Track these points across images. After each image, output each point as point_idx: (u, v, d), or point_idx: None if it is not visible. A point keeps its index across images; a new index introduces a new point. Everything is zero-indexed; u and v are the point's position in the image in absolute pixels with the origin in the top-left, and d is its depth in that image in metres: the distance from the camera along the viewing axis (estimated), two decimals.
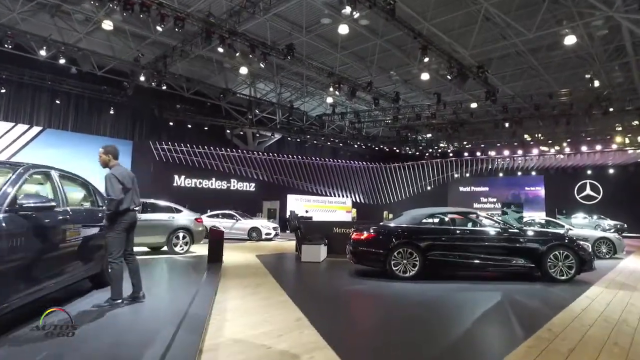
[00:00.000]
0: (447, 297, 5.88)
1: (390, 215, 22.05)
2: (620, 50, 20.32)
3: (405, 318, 4.71)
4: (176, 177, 25.49)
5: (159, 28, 14.06)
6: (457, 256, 7.00)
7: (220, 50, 15.70)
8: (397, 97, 22.82)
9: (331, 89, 19.60)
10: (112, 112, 23.97)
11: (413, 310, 5.10)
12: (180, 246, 10.73)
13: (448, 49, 17.94)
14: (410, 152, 35.88)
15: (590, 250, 7.26)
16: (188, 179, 25.85)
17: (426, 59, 15.88)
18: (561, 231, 11.71)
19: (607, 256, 11.46)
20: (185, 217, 11.14)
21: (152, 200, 11.19)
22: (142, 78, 19.52)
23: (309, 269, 8.76)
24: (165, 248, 10.61)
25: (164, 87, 20.53)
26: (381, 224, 7.76)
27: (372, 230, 7.41)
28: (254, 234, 17.46)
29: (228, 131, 27.75)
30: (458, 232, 7.20)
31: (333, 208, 32.82)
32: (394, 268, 7.06)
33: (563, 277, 6.97)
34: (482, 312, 4.93)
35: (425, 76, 21.10)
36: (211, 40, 15.03)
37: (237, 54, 16.13)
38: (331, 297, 5.95)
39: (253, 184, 27.93)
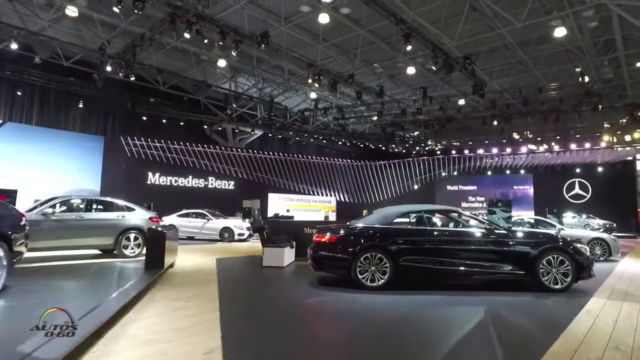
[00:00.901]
0: (420, 314, 4.80)
1: None
2: (610, 45, 19.74)
3: (364, 349, 3.62)
4: (150, 174, 24.16)
5: (115, 9, 12.84)
6: (434, 262, 5.92)
7: (187, 35, 14.48)
8: (381, 91, 21.82)
9: (310, 81, 18.50)
10: (81, 105, 22.52)
11: (375, 336, 4.00)
12: (132, 248, 9.52)
13: (433, 39, 16.99)
14: (397, 150, 34.98)
15: (588, 253, 6.25)
16: (163, 177, 24.54)
17: (409, 47, 14.89)
18: (552, 231, 10.78)
19: (601, 258, 10.53)
20: (138, 216, 9.93)
21: (98, 197, 9.98)
22: (108, 68, 18.20)
23: (268, 276, 7.64)
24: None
25: (132, 78, 19.16)
26: (347, 224, 6.68)
27: (335, 232, 6.31)
28: (226, 235, 16.29)
29: (206, 127, 26.47)
30: (435, 233, 6.13)
31: (318, 207, 31.74)
32: (360, 276, 5.97)
33: (558, 286, 5.93)
34: (462, 337, 3.87)
35: (411, 70, 20.27)
36: (176, 25, 13.80)
37: (206, 41, 14.93)
38: (276, 315, 4.80)
39: (232, 182, 26.71)
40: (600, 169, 29.27)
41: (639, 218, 28.12)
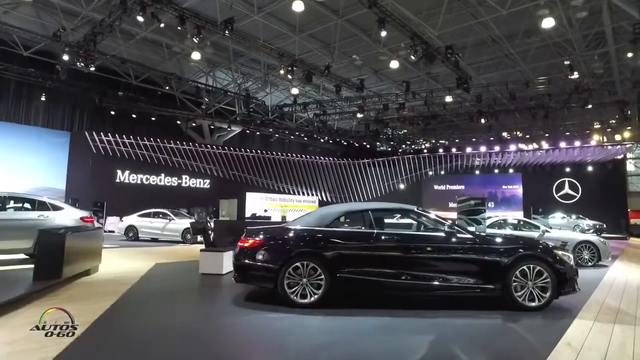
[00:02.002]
0: (355, 346, 3.61)
1: None
2: (600, 38, 18.85)
3: None
4: (119, 172, 22.81)
5: None
6: (380, 274, 4.75)
7: (140, 19, 13.23)
8: (361, 85, 20.67)
9: (282, 72, 17.30)
10: (43, 98, 21.12)
11: None
12: None
13: (415, 29, 15.89)
14: (382, 148, 33.88)
15: (572, 262, 5.11)
16: (133, 175, 23.21)
17: (383, 33, 13.76)
18: (535, 234, 9.71)
19: (589, 264, 9.45)
20: (65, 215, 8.66)
21: (17, 194, 8.71)
22: (65, 57, 16.84)
23: (193, 287, 6.43)
24: None
25: (92, 69, 17.73)
26: (281, 225, 5.50)
27: (261, 235, 5.14)
28: (189, 236, 15.03)
29: (179, 122, 25.14)
30: (383, 238, 4.95)
31: (300, 207, 30.55)
32: (288, 290, 4.79)
33: (534, 304, 4.78)
34: None
35: (394, 64, 19.25)
36: (127, 7, 12.53)
37: (162, 25, 13.69)
38: (145, 352, 3.53)
39: (208, 181, 25.42)
40: (590, 168, 28.38)
41: (629, 219, 27.32)
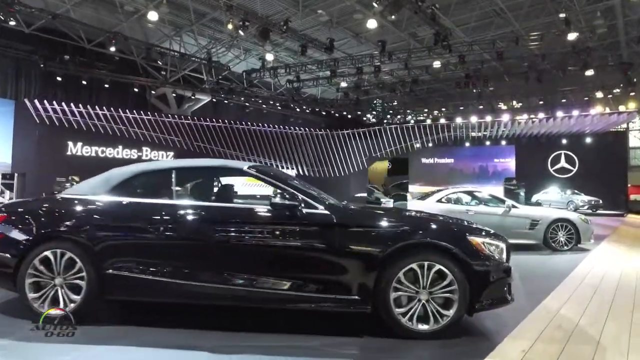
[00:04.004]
0: None
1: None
2: None
3: None
4: (71, 144, 20.91)
5: None
6: (171, 272, 2.88)
7: None
8: (331, 45, 18.39)
9: (230, 27, 15.05)
10: None
11: None
12: None
13: None
14: (365, 119, 31.71)
15: (504, 257, 3.12)
16: (87, 147, 21.30)
17: None
18: (500, 210, 7.80)
19: (565, 248, 7.55)
20: None
21: None
22: None
23: None
24: None
25: (13, 23, 15.61)
26: (61, 196, 3.57)
27: (8, 209, 3.39)
28: None
29: (136, 90, 23.01)
30: (181, 214, 3.04)
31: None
32: (31, 295, 2.99)
33: (426, 327, 2.82)
34: None
35: (372, 23, 17.01)
36: None
37: None
38: None
39: (171, 153, 23.53)
40: (588, 140, 26.24)
41: (628, 194, 25.40)
